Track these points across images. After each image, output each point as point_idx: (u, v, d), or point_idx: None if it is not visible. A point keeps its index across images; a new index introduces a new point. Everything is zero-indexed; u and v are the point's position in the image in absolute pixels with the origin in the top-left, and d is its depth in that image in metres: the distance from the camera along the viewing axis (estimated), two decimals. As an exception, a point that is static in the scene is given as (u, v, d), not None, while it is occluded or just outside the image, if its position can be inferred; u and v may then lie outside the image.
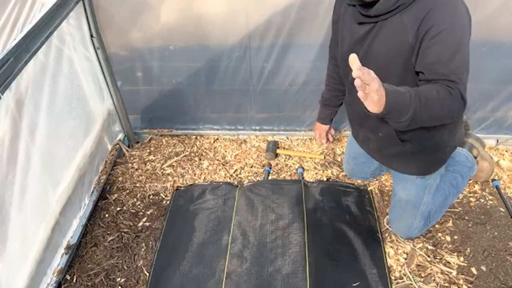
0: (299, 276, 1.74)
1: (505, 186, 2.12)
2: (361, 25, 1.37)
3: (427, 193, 1.76)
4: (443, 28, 1.17)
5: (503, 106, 2.17)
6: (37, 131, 1.67)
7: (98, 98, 2.23)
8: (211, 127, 2.55)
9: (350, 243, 1.88)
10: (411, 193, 1.77)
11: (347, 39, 1.46)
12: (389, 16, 1.27)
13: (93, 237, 2.02)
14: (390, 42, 1.31)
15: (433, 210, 1.81)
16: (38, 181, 1.68)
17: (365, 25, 1.36)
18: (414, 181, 1.75)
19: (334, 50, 1.67)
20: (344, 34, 1.47)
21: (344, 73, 1.60)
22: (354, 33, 1.41)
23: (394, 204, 1.88)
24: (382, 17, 1.29)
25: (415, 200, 1.77)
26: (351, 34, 1.43)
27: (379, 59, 1.36)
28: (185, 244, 1.92)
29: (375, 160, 1.85)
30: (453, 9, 1.20)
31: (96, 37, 2.02)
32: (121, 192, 2.25)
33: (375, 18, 1.31)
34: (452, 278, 1.75)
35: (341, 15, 1.48)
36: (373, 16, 1.30)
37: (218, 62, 2.18)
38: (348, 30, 1.44)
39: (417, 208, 1.77)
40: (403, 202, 1.81)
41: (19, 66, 1.42)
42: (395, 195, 1.87)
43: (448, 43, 1.18)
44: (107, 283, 1.82)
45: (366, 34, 1.36)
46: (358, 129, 1.77)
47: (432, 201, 1.78)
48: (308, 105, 2.36)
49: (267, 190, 2.14)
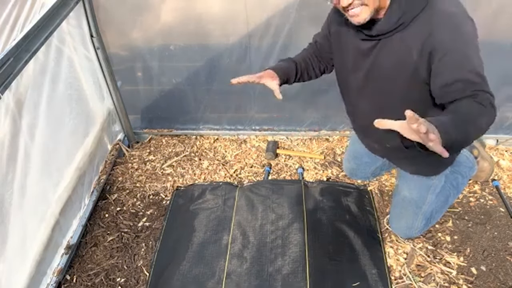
0: (299, 276, 1.74)
1: (505, 186, 2.12)
2: (364, 41, 1.37)
3: (431, 193, 1.75)
4: (449, 47, 1.17)
5: (503, 106, 2.17)
6: (37, 131, 1.67)
7: (98, 98, 2.23)
8: (211, 127, 2.55)
9: (350, 243, 1.88)
10: (415, 192, 1.77)
11: (351, 52, 1.45)
12: (391, 34, 1.28)
13: (93, 237, 2.02)
14: (394, 58, 1.31)
15: (434, 211, 1.81)
16: (38, 181, 1.69)
17: (368, 41, 1.36)
18: (420, 180, 1.75)
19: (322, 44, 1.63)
20: (348, 46, 1.46)
21: (346, 84, 1.59)
22: (357, 46, 1.41)
23: (396, 203, 1.88)
24: (384, 36, 1.30)
25: (418, 199, 1.77)
26: (354, 47, 1.43)
27: (384, 72, 1.36)
28: (185, 244, 1.92)
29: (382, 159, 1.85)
30: (453, 22, 1.19)
31: (96, 37, 2.02)
32: (121, 192, 2.25)
33: (377, 37, 1.31)
34: (452, 278, 1.75)
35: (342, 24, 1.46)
36: (375, 35, 1.31)
37: (218, 62, 2.18)
38: (351, 43, 1.44)
39: (420, 207, 1.77)
40: (406, 201, 1.80)
41: (19, 66, 1.42)
42: (398, 194, 1.86)
43: (458, 59, 1.17)
44: (107, 283, 1.82)
45: (370, 49, 1.37)
46: (363, 138, 1.77)
47: (435, 201, 1.78)
48: (308, 105, 2.36)
49: (267, 190, 2.13)
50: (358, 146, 1.90)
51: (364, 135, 1.73)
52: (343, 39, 1.48)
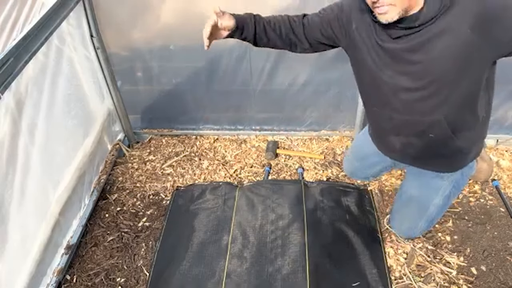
0: (299, 276, 1.74)
1: (505, 186, 2.12)
2: (397, 39, 1.31)
3: (441, 194, 1.74)
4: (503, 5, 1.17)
5: (503, 106, 2.17)
6: (37, 131, 1.67)
7: (98, 98, 2.23)
8: (211, 127, 2.55)
9: (350, 243, 1.88)
10: (424, 191, 1.75)
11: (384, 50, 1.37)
12: (434, 21, 1.23)
13: (93, 237, 2.02)
14: (442, 45, 1.26)
15: (438, 212, 1.81)
16: (37, 181, 1.69)
17: (403, 38, 1.30)
18: (431, 179, 1.73)
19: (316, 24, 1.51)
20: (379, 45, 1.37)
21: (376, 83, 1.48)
22: (388, 50, 1.35)
23: (401, 202, 1.86)
24: (427, 24, 1.25)
25: (426, 199, 1.75)
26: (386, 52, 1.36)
27: (434, 67, 1.31)
28: (185, 244, 1.92)
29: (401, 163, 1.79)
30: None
31: (96, 37, 2.02)
32: (121, 192, 2.25)
33: (417, 28, 1.26)
34: (452, 278, 1.75)
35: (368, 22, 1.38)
36: (417, 26, 1.25)
37: (218, 62, 2.18)
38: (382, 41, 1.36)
39: (427, 207, 1.76)
40: (413, 200, 1.78)
41: (19, 66, 1.42)
42: (405, 193, 1.83)
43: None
44: (107, 283, 1.82)
45: (409, 47, 1.31)
46: (393, 137, 1.65)
47: (441, 204, 1.78)
48: (308, 105, 2.36)
49: (267, 190, 2.13)
50: (366, 147, 1.87)
51: (396, 133, 1.62)
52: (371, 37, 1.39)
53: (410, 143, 1.63)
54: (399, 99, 1.47)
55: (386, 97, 1.49)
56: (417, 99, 1.43)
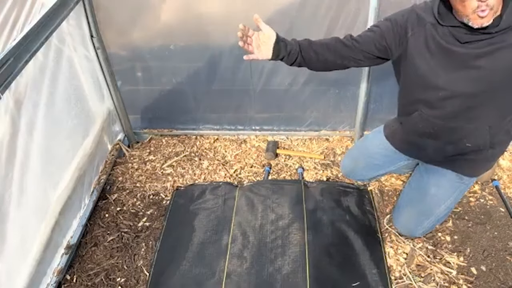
0: (299, 276, 1.74)
1: (505, 186, 2.12)
2: (466, 44, 1.33)
3: (455, 196, 1.76)
4: None
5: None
6: (37, 131, 1.67)
7: (98, 98, 2.23)
8: (211, 127, 2.55)
9: (350, 243, 1.88)
10: (442, 191, 1.76)
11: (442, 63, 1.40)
12: (507, 30, 1.26)
13: (93, 237, 2.02)
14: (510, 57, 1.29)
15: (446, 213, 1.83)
16: (37, 181, 1.68)
17: (472, 43, 1.32)
18: (453, 180, 1.74)
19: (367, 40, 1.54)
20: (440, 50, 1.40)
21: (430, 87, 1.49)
22: (456, 53, 1.36)
23: (412, 198, 1.85)
24: (502, 32, 1.27)
25: (441, 198, 1.76)
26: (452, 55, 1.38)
27: (496, 76, 1.34)
28: (185, 244, 1.92)
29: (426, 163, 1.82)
30: None
31: (96, 37, 2.02)
32: (121, 192, 2.25)
33: (493, 34, 1.28)
34: (452, 278, 1.75)
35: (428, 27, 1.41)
36: (494, 32, 1.27)
37: (218, 62, 2.18)
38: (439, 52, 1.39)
39: (438, 207, 1.76)
40: (427, 197, 1.78)
41: (19, 66, 1.42)
42: (418, 189, 1.83)
43: None
44: (107, 283, 1.82)
45: (477, 53, 1.33)
46: (430, 141, 1.66)
47: (450, 206, 1.79)
48: (308, 105, 2.36)
49: (267, 190, 2.13)
50: (373, 147, 1.89)
51: (434, 138, 1.63)
52: (430, 42, 1.42)
53: (444, 149, 1.65)
54: (451, 104, 1.48)
55: (436, 102, 1.50)
56: (469, 106, 1.45)
